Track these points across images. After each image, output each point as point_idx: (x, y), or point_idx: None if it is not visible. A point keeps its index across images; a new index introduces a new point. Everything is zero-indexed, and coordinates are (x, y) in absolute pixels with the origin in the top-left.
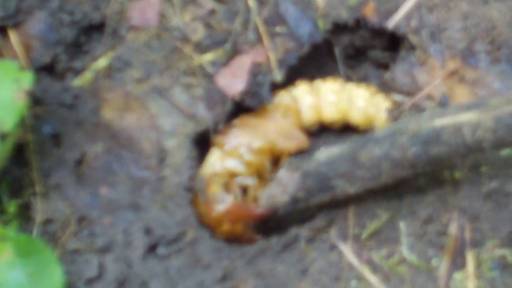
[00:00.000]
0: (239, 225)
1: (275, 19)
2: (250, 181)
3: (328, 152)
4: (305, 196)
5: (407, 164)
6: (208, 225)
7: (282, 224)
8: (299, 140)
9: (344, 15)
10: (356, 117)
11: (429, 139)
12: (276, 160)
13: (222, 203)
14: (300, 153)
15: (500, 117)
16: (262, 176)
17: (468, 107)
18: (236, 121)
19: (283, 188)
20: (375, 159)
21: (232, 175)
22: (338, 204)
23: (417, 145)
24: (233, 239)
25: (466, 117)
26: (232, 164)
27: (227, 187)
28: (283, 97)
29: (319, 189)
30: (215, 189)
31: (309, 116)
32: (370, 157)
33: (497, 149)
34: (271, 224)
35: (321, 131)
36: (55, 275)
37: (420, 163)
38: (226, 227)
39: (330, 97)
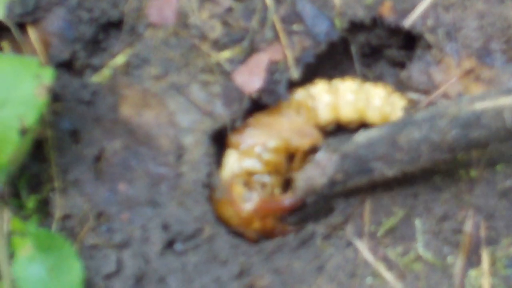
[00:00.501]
0: (269, 220)
1: (292, 17)
2: (267, 179)
3: (367, 135)
4: (343, 178)
5: (446, 147)
6: (238, 226)
7: (299, 221)
8: (313, 137)
9: (361, 14)
10: (373, 116)
11: (469, 122)
12: (291, 156)
13: (250, 202)
14: (314, 150)
15: None
16: (279, 173)
17: (509, 91)
18: (251, 120)
19: (321, 170)
20: (414, 142)
21: (250, 174)
22: (354, 200)
23: (457, 128)
24: (266, 236)
25: (507, 101)
26: (250, 163)
27: (247, 186)
28: (299, 95)
29: (358, 172)
30: (239, 189)
31: (326, 114)
32: (409, 140)
33: None
34: (289, 220)
35: (336, 130)
36: (75, 270)
37: (459, 147)
38: (257, 224)
39: (348, 96)
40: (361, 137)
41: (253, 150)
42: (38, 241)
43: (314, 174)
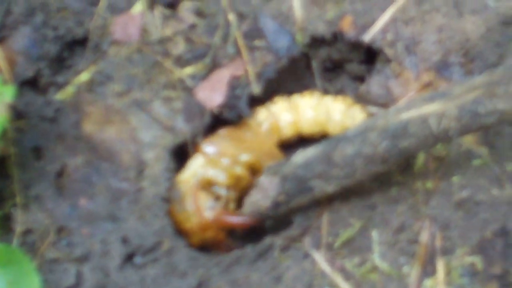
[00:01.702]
0: (222, 233)
1: (254, 33)
2: (224, 192)
3: (303, 154)
4: (285, 199)
5: (379, 159)
6: (186, 230)
7: (257, 233)
8: (278, 159)
9: (322, 29)
10: (334, 130)
11: (397, 133)
12: (252, 174)
13: (211, 210)
14: None
15: (463, 105)
16: (237, 188)
17: (431, 98)
18: (223, 131)
19: (264, 193)
20: (348, 157)
21: (210, 184)
22: (312, 213)
23: (387, 139)
24: (210, 247)
25: (431, 108)
26: (214, 173)
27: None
28: (264, 115)
29: (299, 191)
30: (205, 197)
31: (288, 131)
32: (343, 155)
33: (463, 136)
34: (246, 232)
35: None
36: (33, 284)
37: (391, 157)
38: (209, 234)
39: (308, 113)
40: (299, 157)
41: (220, 161)
42: None
43: (258, 198)
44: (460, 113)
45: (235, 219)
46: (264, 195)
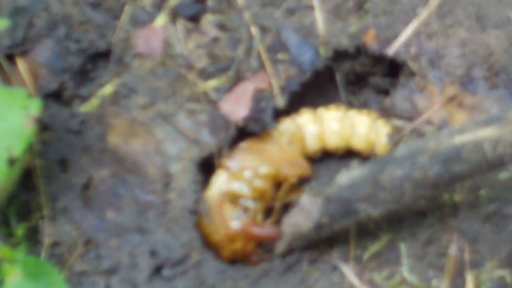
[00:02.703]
0: (251, 244)
1: (277, 47)
2: (252, 204)
3: (349, 176)
4: (329, 221)
5: (429, 183)
6: (216, 243)
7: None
8: (303, 168)
9: (345, 42)
10: (358, 144)
11: (449, 157)
12: (278, 184)
13: (238, 220)
14: (303, 180)
15: None
16: (264, 200)
17: (487, 122)
18: (243, 144)
19: (306, 214)
20: (396, 181)
21: (236, 197)
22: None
23: (438, 164)
24: (240, 259)
25: (486, 133)
26: (238, 186)
27: (236, 206)
28: (288, 125)
29: (343, 214)
30: (229, 207)
31: (313, 144)
32: (391, 178)
33: None
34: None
35: (323, 156)
36: None
37: (442, 182)
38: (238, 245)
39: (333, 126)
40: (344, 178)
41: (242, 174)
42: (27, 269)
43: (300, 219)
44: None
45: (262, 231)
46: (306, 217)
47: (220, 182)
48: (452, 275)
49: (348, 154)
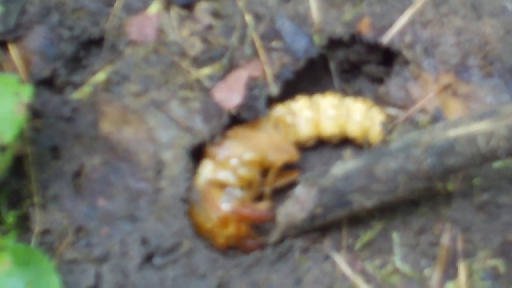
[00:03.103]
0: (243, 227)
1: (271, 34)
2: (239, 193)
3: (343, 167)
4: (323, 212)
5: (423, 176)
6: (209, 231)
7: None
8: (289, 153)
9: (340, 31)
10: (353, 131)
11: (443, 150)
12: (265, 171)
13: (228, 203)
14: (289, 165)
15: None
16: (251, 188)
17: (481, 116)
18: (229, 132)
19: (300, 205)
20: (390, 173)
21: (222, 185)
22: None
23: (432, 156)
24: (235, 246)
25: (480, 127)
26: (224, 175)
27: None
28: (279, 110)
29: (337, 205)
30: (218, 192)
31: (307, 130)
32: (385, 170)
33: (511, 157)
34: (266, 234)
35: (317, 144)
36: (53, 284)
37: (435, 175)
38: (231, 229)
39: (329, 112)
40: (338, 169)
41: (228, 162)
42: (17, 256)
43: (294, 210)
44: (510, 133)
45: (253, 212)
46: (300, 207)
47: (205, 172)
48: (445, 265)
49: (341, 143)
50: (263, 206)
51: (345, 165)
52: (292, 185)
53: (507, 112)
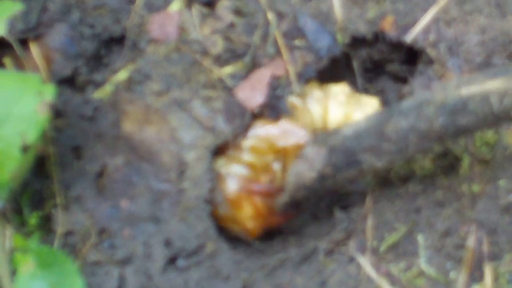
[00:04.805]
0: (259, 203)
1: (294, 33)
2: (245, 172)
3: (354, 126)
4: (332, 171)
5: (434, 135)
6: (233, 221)
7: (301, 236)
8: (298, 136)
9: (363, 29)
10: None
11: (456, 109)
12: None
13: (233, 179)
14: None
15: None
16: (268, 176)
17: (494, 75)
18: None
19: (310, 164)
20: (401, 132)
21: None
22: (357, 216)
23: (444, 115)
24: (267, 226)
25: (493, 85)
26: (236, 169)
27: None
28: (316, 93)
29: (346, 164)
30: (223, 172)
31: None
32: (396, 129)
33: None
34: (291, 236)
35: None
36: (76, 286)
37: (447, 134)
38: (248, 209)
39: (340, 98)
40: (348, 129)
41: (237, 155)
42: (40, 258)
43: (303, 169)
44: None
45: (262, 187)
46: (309, 166)
47: (217, 167)
48: (470, 267)
49: None
50: (269, 178)
51: (356, 124)
52: None
53: None
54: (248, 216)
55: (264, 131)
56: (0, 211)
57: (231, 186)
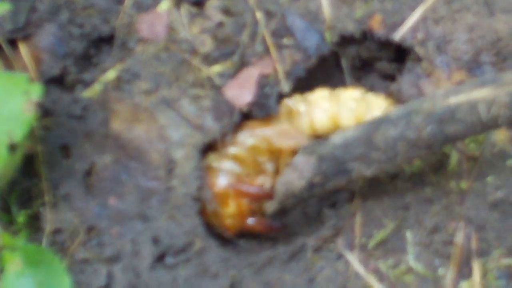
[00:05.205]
0: (244, 204)
1: (282, 31)
2: (237, 169)
3: (343, 135)
4: (321, 180)
5: (423, 144)
6: (214, 215)
7: (289, 233)
8: (297, 139)
9: (351, 27)
10: None
11: (444, 117)
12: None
13: (224, 176)
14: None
15: None
16: (260, 174)
17: (482, 83)
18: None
19: (299, 173)
20: (390, 140)
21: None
22: (345, 213)
23: (432, 124)
24: (243, 227)
25: (481, 94)
26: (228, 165)
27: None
28: (292, 102)
29: (336, 173)
30: (214, 168)
31: (324, 121)
32: (385, 138)
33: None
34: (278, 233)
35: None
36: (64, 284)
37: (436, 143)
38: (232, 207)
39: (349, 104)
40: (337, 138)
41: (230, 152)
42: (28, 256)
43: (293, 178)
44: (511, 101)
45: (251, 188)
46: (299, 175)
47: (207, 160)
48: (459, 264)
49: None
50: (261, 182)
51: (345, 133)
52: None
53: (509, 80)
54: (229, 214)
55: (264, 131)
56: None
57: (221, 181)
